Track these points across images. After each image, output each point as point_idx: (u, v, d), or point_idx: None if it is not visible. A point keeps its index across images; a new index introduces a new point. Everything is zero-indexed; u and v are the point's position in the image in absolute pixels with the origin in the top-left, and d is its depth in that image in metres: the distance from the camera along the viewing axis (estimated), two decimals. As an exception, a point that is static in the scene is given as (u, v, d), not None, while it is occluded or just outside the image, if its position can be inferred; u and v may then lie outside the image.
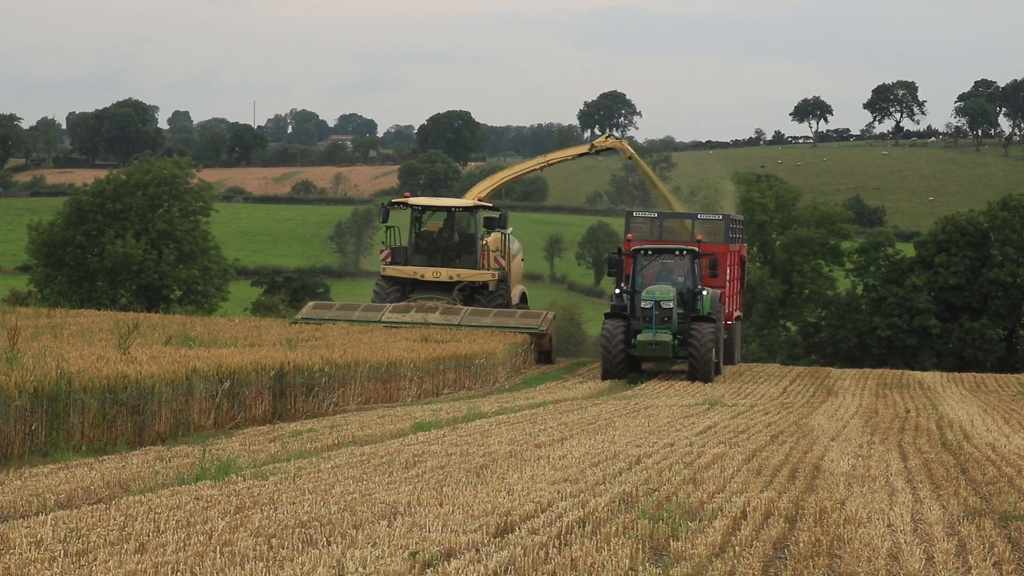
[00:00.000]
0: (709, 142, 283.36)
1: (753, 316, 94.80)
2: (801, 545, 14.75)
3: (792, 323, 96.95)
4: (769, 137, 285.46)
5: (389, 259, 52.01)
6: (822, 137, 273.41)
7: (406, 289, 51.62)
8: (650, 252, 45.25)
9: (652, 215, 52.13)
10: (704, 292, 44.80)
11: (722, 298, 47.54)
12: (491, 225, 52.48)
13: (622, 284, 45.53)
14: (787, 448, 24.48)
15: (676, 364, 47.02)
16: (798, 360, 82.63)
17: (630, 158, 61.46)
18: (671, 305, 43.58)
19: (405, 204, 52.36)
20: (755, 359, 79.58)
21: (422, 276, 51.47)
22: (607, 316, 45.08)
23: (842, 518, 16.55)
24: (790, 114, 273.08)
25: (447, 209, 53.59)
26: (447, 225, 53.05)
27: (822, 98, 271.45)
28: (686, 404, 34.68)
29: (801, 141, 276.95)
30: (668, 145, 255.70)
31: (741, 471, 20.70)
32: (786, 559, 14.31)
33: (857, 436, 27.80)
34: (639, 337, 43.76)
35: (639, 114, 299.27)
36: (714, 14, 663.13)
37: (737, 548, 14.48)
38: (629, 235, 49.35)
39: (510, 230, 53.45)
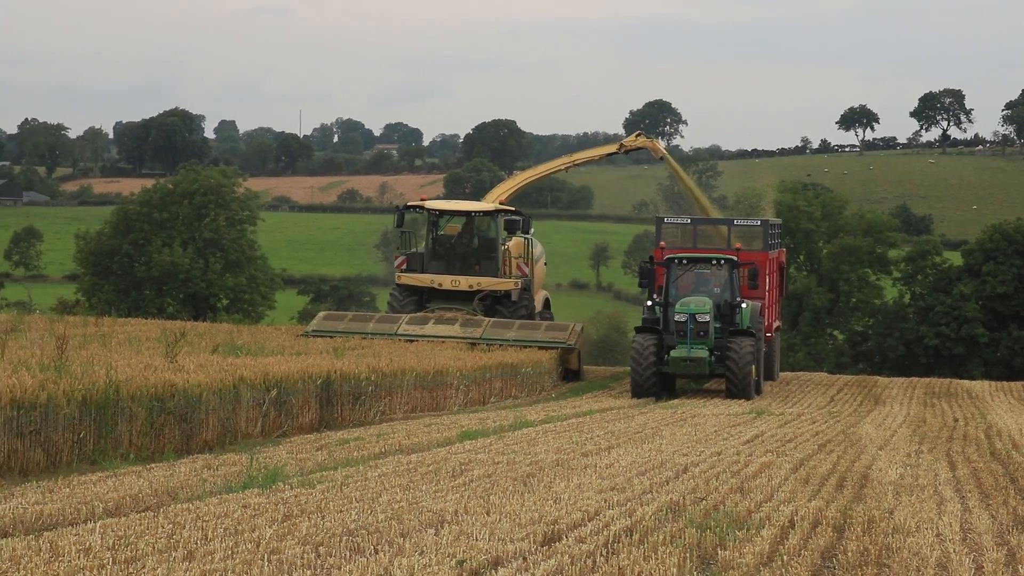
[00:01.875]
0: (755, 150, 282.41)
1: (801, 325, 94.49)
2: (849, 554, 14.68)
3: (839, 332, 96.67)
4: (815, 146, 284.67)
5: (404, 266, 48.12)
6: (868, 145, 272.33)
7: (423, 298, 47.74)
8: (685, 261, 42.09)
9: (685, 221, 49.00)
10: (743, 304, 41.85)
11: (762, 310, 44.43)
12: (512, 229, 47.86)
13: (654, 296, 42.38)
14: (835, 457, 24.37)
15: (712, 382, 44.67)
16: (845, 369, 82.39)
17: (661, 158, 59.44)
18: (707, 319, 40.20)
19: (421, 208, 48.64)
20: (802, 368, 79.31)
21: (440, 285, 47.47)
22: (638, 330, 41.77)
23: (890, 527, 16.47)
24: (836, 122, 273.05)
25: (466, 213, 49.27)
26: (466, 230, 48.83)
27: (868, 106, 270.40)
28: (733, 413, 34.57)
29: (847, 149, 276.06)
30: (714, 154, 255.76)
31: (789, 480, 20.63)
32: (834, 568, 14.25)
33: (905, 445, 27.65)
34: (672, 353, 40.35)
35: (684, 123, 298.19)
36: (759, 22, 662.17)
37: (785, 557, 14.42)
38: (661, 243, 46.19)
39: (532, 232, 49.75)
